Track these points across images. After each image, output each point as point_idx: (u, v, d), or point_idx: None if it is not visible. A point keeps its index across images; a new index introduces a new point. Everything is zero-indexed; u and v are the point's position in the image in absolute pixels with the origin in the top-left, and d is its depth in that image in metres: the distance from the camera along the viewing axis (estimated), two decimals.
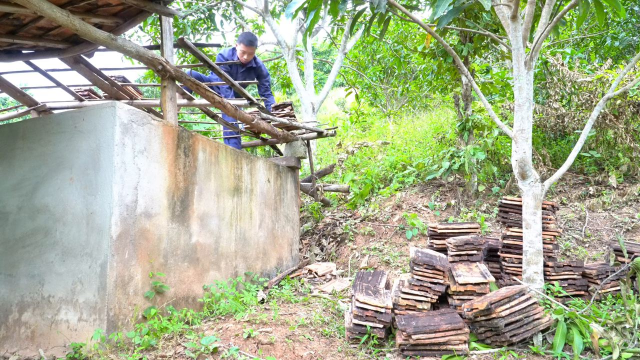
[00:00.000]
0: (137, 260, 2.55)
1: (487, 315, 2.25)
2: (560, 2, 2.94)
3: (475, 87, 2.95)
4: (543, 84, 5.81)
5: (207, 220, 3.19)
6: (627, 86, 3.00)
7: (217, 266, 3.27)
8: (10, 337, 2.59)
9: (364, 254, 4.40)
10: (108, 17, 2.96)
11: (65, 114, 2.69)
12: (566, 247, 3.96)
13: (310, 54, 8.32)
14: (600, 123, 5.01)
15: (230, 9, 8.71)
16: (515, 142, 2.81)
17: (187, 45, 3.14)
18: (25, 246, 2.64)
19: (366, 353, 2.32)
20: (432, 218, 4.80)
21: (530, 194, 2.84)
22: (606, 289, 2.88)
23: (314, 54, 19.07)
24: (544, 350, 2.20)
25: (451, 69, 5.23)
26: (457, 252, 2.87)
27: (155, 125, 2.78)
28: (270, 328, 2.44)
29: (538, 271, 2.79)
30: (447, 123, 7.93)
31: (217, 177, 3.35)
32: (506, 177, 5.34)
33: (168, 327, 2.41)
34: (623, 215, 4.26)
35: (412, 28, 8.51)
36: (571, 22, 6.92)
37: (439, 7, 2.39)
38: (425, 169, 5.69)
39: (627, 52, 6.98)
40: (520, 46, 2.74)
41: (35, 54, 3.48)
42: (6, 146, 2.83)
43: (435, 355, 2.23)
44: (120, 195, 2.47)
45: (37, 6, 2.22)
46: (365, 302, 2.44)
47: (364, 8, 2.94)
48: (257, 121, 3.99)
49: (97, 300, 2.36)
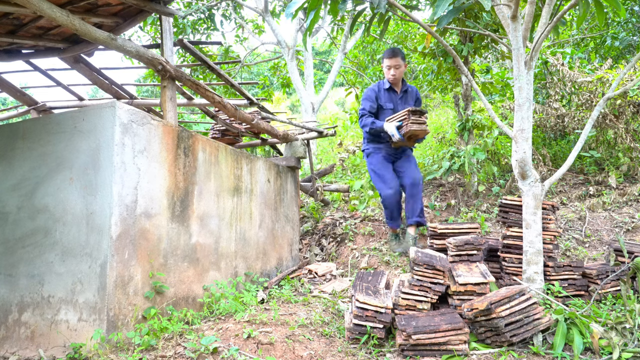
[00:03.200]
0: (137, 261, 2.55)
1: (487, 315, 2.25)
2: (560, 2, 2.94)
3: (475, 87, 2.95)
4: (543, 84, 5.81)
5: (207, 221, 3.19)
6: (627, 86, 3.00)
7: (217, 266, 3.27)
8: (10, 337, 2.58)
9: (364, 254, 4.39)
10: (108, 17, 2.96)
11: (65, 114, 2.68)
12: (566, 247, 3.96)
13: (310, 54, 8.32)
14: (600, 123, 5.01)
15: (230, 9, 8.71)
16: (515, 142, 2.81)
17: (187, 46, 3.14)
18: (25, 246, 2.64)
19: (366, 353, 2.32)
20: (432, 218, 4.80)
21: (530, 194, 2.83)
22: (606, 289, 2.88)
23: (314, 54, 19.07)
24: (544, 350, 2.20)
25: (451, 69, 5.23)
26: (457, 252, 2.87)
27: (155, 125, 2.78)
28: (270, 328, 2.44)
29: (538, 271, 2.78)
30: (447, 123, 7.93)
31: (217, 177, 3.35)
32: (506, 177, 5.34)
33: (168, 327, 2.41)
34: (623, 215, 4.26)
35: (412, 28, 8.51)
36: (571, 22, 6.92)
37: (439, 7, 2.38)
38: (425, 169, 5.69)
39: (627, 52, 6.98)
40: (520, 46, 2.74)
41: (35, 54, 3.48)
42: (6, 146, 2.83)
43: (435, 355, 2.23)
44: (120, 195, 2.47)
45: (37, 6, 2.22)
46: (365, 302, 2.44)
47: (364, 8, 2.94)
48: (257, 121, 3.99)
49: (97, 300, 2.36)
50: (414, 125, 3.60)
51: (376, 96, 3.96)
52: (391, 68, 3.86)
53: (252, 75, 14.84)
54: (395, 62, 3.84)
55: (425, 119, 3.68)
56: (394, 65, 3.86)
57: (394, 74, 3.88)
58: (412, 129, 3.59)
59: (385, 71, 3.90)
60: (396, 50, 3.84)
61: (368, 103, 3.93)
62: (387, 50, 3.87)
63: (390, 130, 3.70)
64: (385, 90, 3.99)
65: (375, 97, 3.96)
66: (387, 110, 3.98)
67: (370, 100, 3.95)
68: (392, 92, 4.01)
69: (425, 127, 3.64)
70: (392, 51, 3.85)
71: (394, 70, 3.86)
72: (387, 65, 3.87)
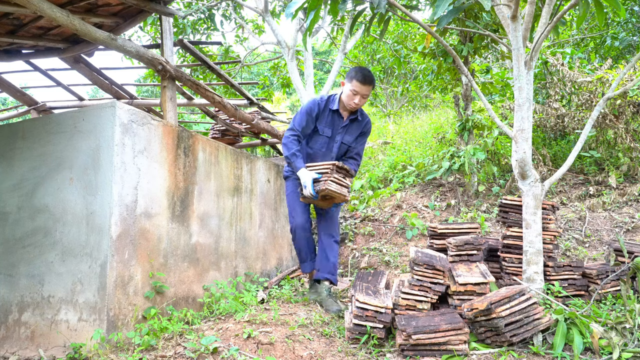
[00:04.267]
0: (137, 260, 2.55)
1: (487, 315, 2.25)
2: (560, 2, 2.94)
3: (475, 87, 2.95)
4: (543, 84, 5.81)
5: (207, 220, 3.19)
6: (627, 86, 3.00)
7: (217, 266, 3.27)
8: (10, 337, 2.58)
9: (364, 254, 4.39)
10: (108, 17, 2.96)
11: (65, 114, 2.69)
12: (566, 247, 3.96)
13: (310, 54, 8.31)
14: (600, 123, 5.01)
15: (230, 9, 8.70)
16: (515, 142, 2.81)
17: (187, 46, 3.14)
18: (25, 246, 2.64)
19: (366, 353, 2.32)
20: (432, 218, 4.80)
21: (530, 194, 2.83)
22: (606, 289, 2.88)
23: (314, 54, 19.08)
24: (544, 350, 2.20)
25: (451, 69, 5.23)
26: (457, 252, 2.87)
27: (155, 125, 2.78)
28: (270, 328, 2.44)
29: (538, 271, 2.78)
30: (447, 123, 7.94)
31: (217, 177, 3.35)
32: (506, 177, 5.34)
33: (168, 327, 2.41)
34: (623, 215, 4.26)
35: (412, 28, 8.51)
36: (571, 22, 6.92)
37: (439, 7, 2.38)
38: (425, 169, 5.69)
39: (627, 52, 6.98)
40: (520, 46, 2.74)
41: (35, 54, 3.48)
42: (6, 146, 2.83)
43: (435, 355, 2.23)
44: (120, 195, 2.47)
45: (37, 6, 2.22)
46: (365, 302, 2.44)
47: (364, 8, 2.94)
48: (257, 121, 3.99)
49: (97, 300, 2.36)
50: (332, 185, 2.86)
51: (317, 114, 3.08)
52: (357, 95, 2.97)
53: (252, 75, 14.84)
54: (367, 90, 2.96)
55: (349, 182, 2.98)
56: (362, 94, 2.97)
57: (358, 103, 3.00)
58: (330, 189, 2.84)
59: (347, 94, 2.97)
60: (372, 77, 2.99)
61: (304, 119, 3.06)
62: (361, 72, 2.95)
63: (304, 180, 2.89)
64: (330, 111, 3.10)
65: (316, 115, 3.08)
66: (322, 136, 3.15)
67: (308, 116, 3.07)
68: (337, 116, 3.12)
69: (345, 193, 2.93)
70: (368, 77, 2.96)
71: (359, 98, 2.98)
72: (354, 90, 2.94)
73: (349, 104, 3.02)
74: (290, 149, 3.01)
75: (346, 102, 3.03)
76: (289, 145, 3.02)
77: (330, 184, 2.86)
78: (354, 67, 3.03)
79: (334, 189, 2.87)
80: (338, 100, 3.09)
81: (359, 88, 2.95)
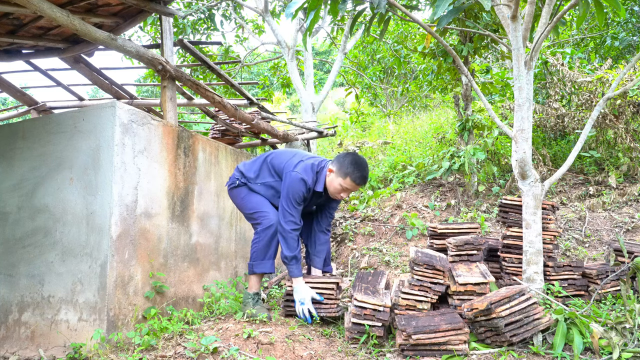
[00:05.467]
0: (137, 260, 2.55)
1: (487, 315, 2.25)
2: (560, 2, 2.94)
3: (475, 87, 2.95)
4: (543, 84, 5.81)
5: (207, 220, 3.19)
6: (627, 86, 3.00)
7: (217, 266, 3.27)
8: (10, 337, 2.59)
9: (364, 254, 4.40)
10: (108, 17, 2.96)
11: (65, 114, 2.69)
12: (566, 247, 3.96)
13: (310, 54, 8.31)
14: (600, 123, 5.01)
15: (230, 9, 8.71)
16: (515, 142, 2.81)
17: (187, 46, 3.14)
18: (25, 246, 2.64)
19: (366, 353, 2.32)
20: (432, 218, 4.80)
21: (530, 194, 2.83)
22: (606, 289, 2.88)
23: (314, 54, 19.07)
24: (544, 350, 2.20)
25: (451, 69, 5.23)
26: (457, 252, 2.87)
27: (155, 125, 2.78)
28: (270, 328, 2.44)
29: (538, 271, 2.79)
30: (447, 123, 7.94)
31: (217, 177, 3.35)
32: (506, 177, 5.34)
33: (168, 327, 2.41)
34: (623, 215, 4.26)
35: (412, 28, 8.52)
36: (571, 22, 6.92)
37: (439, 7, 2.38)
38: (425, 169, 5.69)
39: (627, 52, 6.98)
40: (520, 46, 2.74)
41: (35, 54, 3.48)
42: (6, 146, 2.83)
43: (435, 355, 2.23)
44: (120, 195, 2.47)
45: (37, 6, 2.22)
46: (363, 301, 2.44)
47: (364, 8, 2.94)
48: (257, 121, 3.99)
49: (97, 300, 2.36)
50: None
51: (305, 197, 2.87)
52: (349, 192, 2.87)
53: (252, 75, 14.84)
54: (358, 190, 3.16)
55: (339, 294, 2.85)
56: (353, 191, 3.08)
57: (344, 197, 2.93)
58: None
59: (336, 187, 2.80)
60: (368, 178, 2.91)
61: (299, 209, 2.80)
62: (360, 173, 2.76)
63: (302, 295, 2.66)
64: (315, 192, 2.91)
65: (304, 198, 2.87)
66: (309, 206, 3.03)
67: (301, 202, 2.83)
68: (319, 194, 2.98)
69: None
70: (365, 180, 2.86)
71: (347, 194, 2.90)
72: (346, 188, 2.79)
73: (335, 195, 2.85)
74: (291, 249, 2.68)
75: (332, 192, 2.84)
76: (290, 242, 2.70)
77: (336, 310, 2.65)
78: (351, 161, 2.75)
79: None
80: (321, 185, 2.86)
81: (352, 187, 2.79)
